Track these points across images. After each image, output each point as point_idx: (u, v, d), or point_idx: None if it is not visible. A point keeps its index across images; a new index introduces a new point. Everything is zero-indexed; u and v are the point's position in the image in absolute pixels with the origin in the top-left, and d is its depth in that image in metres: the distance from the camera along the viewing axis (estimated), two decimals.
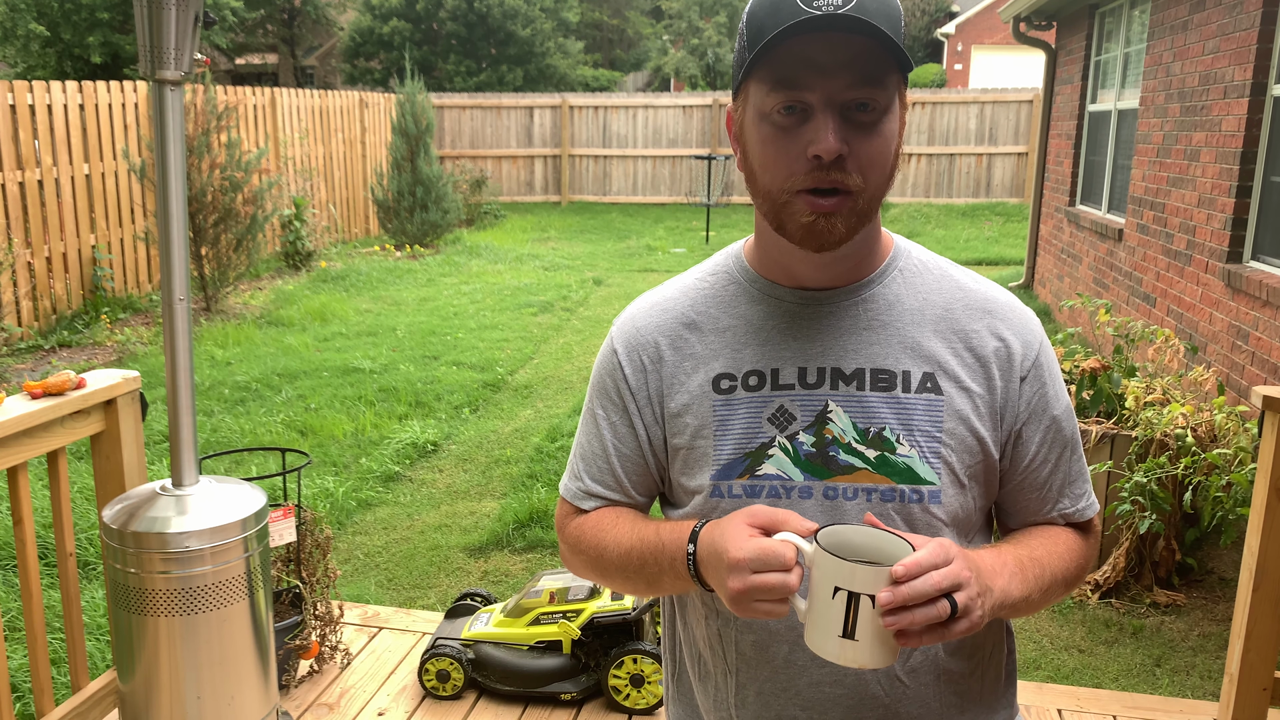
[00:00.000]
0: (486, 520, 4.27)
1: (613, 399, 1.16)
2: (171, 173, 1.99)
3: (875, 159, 0.98)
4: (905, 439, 1.05)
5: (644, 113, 16.14)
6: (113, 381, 2.35)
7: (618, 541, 1.11)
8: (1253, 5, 4.98)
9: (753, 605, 0.91)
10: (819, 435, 1.06)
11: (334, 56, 29.81)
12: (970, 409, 1.07)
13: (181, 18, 1.91)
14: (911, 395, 1.06)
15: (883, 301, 1.10)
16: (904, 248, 1.15)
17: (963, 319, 1.10)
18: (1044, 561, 1.07)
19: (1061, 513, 1.14)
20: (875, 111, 0.97)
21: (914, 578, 0.86)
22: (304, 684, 2.76)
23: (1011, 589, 1.00)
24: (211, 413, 5.65)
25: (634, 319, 1.17)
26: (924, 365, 1.07)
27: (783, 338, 1.09)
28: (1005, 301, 1.13)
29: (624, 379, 1.15)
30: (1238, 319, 4.94)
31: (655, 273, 10.60)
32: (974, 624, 0.90)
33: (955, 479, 1.06)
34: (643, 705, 2.63)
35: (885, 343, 1.08)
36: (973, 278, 1.15)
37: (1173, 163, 6.08)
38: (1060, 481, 1.13)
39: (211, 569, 2.00)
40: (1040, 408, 1.10)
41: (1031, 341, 1.11)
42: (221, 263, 8.29)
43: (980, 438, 1.07)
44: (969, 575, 0.90)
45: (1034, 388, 1.09)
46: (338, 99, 12.73)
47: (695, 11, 26.66)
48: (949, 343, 1.08)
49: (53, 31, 20.06)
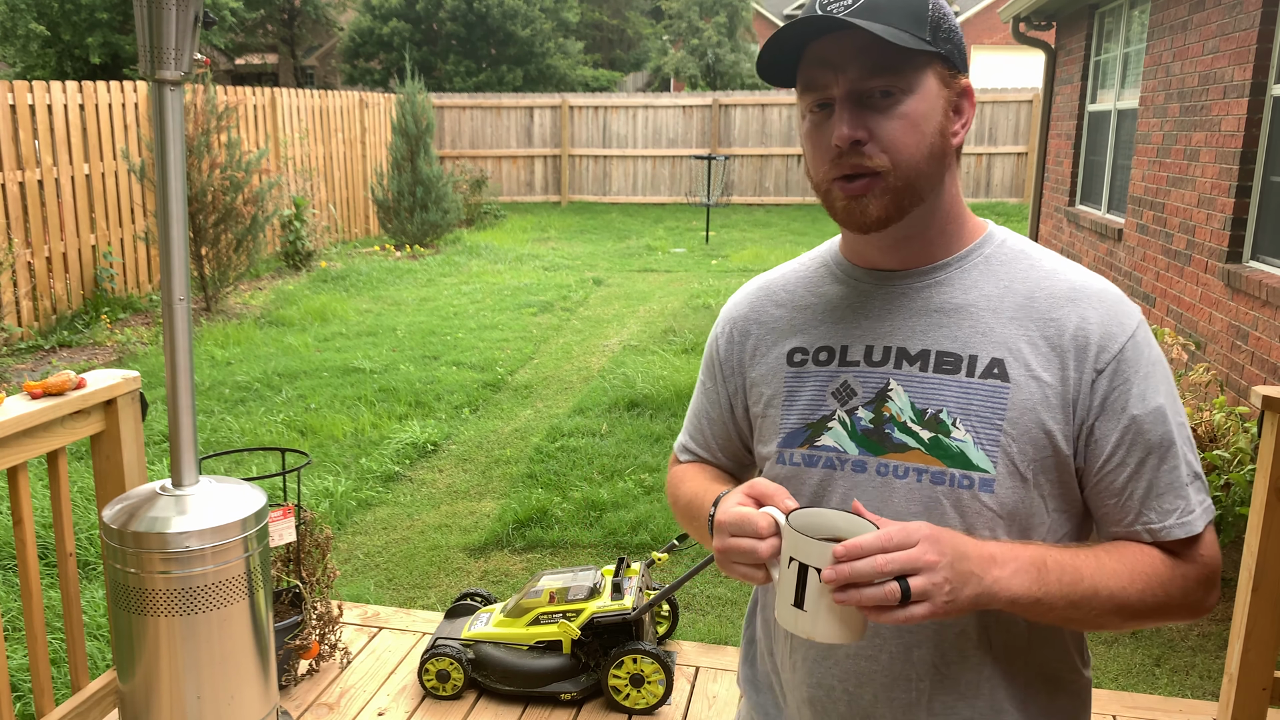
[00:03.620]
0: (486, 520, 4.27)
1: (709, 368, 1.28)
2: (171, 173, 1.99)
3: (898, 139, 1.02)
4: (962, 423, 1.04)
5: (644, 113, 16.14)
6: (113, 381, 2.35)
7: (685, 493, 1.25)
8: (1252, 5, 4.98)
9: (731, 565, 0.99)
10: (877, 412, 1.09)
11: (334, 57, 29.82)
12: (1039, 399, 1.03)
13: (181, 18, 1.91)
14: (975, 380, 1.05)
15: (959, 285, 1.09)
16: (996, 235, 1.14)
17: (1044, 306, 1.06)
18: (1083, 570, 1.00)
19: (1146, 527, 1.05)
20: (896, 95, 1.02)
21: (854, 559, 0.90)
22: (304, 684, 2.76)
23: (1012, 584, 0.96)
24: (211, 413, 5.66)
25: (736, 296, 1.28)
26: (994, 351, 1.05)
27: (855, 317, 1.13)
28: (1096, 289, 1.07)
29: (718, 350, 1.26)
30: (1237, 319, 4.94)
31: (655, 273, 10.60)
32: (937, 609, 0.91)
33: (1014, 470, 1.04)
34: (643, 705, 2.63)
35: (956, 326, 1.08)
36: (1068, 267, 1.11)
37: (1172, 163, 6.08)
38: (1143, 491, 1.04)
39: (211, 569, 2.01)
40: (1118, 404, 1.03)
41: (1116, 333, 1.04)
42: (221, 263, 8.29)
43: (1048, 430, 1.03)
44: (933, 560, 0.90)
45: (1113, 381, 1.03)
46: (338, 99, 12.73)
47: (695, 12, 26.64)
48: (1025, 330, 1.06)
49: (52, 31, 20.06)
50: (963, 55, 1.07)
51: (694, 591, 3.62)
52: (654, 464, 4.85)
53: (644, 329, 7.83)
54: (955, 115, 1.07)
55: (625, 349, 7.17)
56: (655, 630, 2.93)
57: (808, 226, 13.91)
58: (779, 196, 16.07)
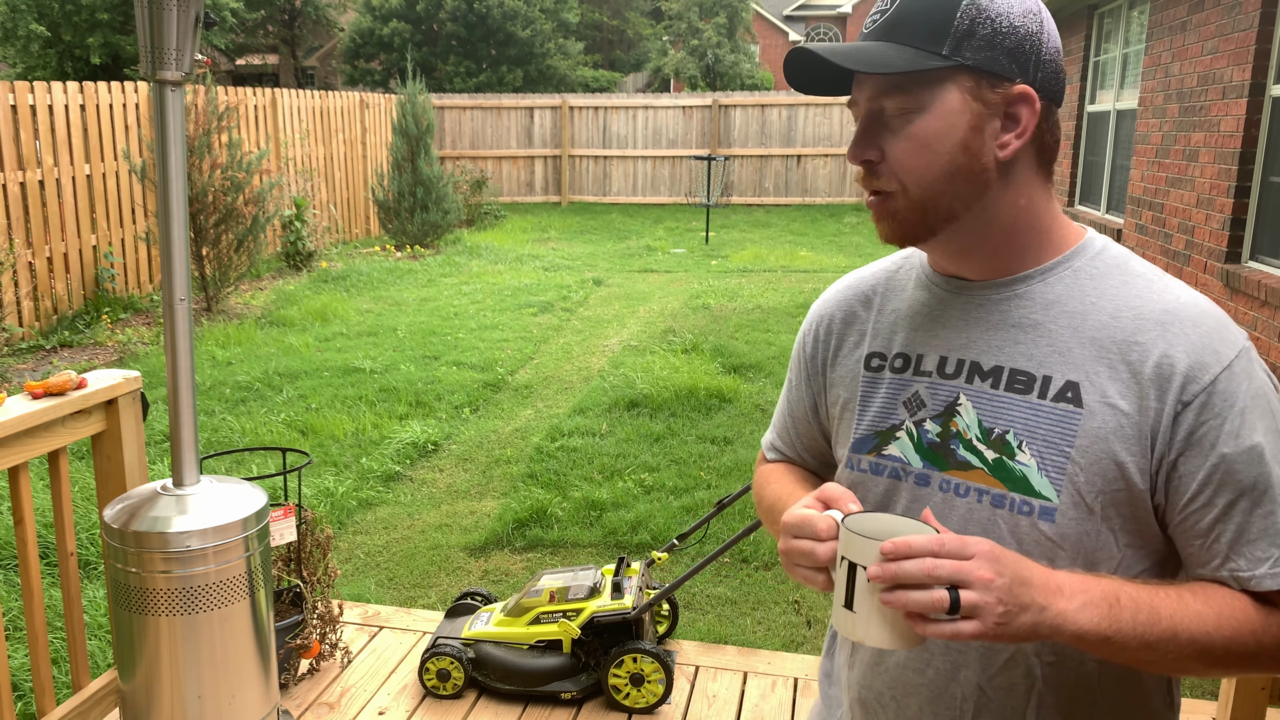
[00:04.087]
0: (486, 520, 4.28)
1: (796, 365, 1.26)
2: (172, 173, 2.00)
3: (906, 160, 1.00)
4: (1028, 447, 1.00)
5: (644, 113, 16.15)
6: (114, 381, 2.35)
7: (769, 495, 1.25)
8: (1251, 6, 4.98)
9: (793, 567, 0.98)
10: (944, 426, 1.06)
11: (334, 57, 29.82)
12: (1113, 429, 0.97)
13: (182, 18, 1.92)
14: (1047, 403, 1.00)
15: (1040, 300, 1.03)
16: (1092, 247, 1.06)
17: (1130, 328, 0.99)
18: (1162, 611, 0.93)
19: (1234, 574, 0.96)
20: (907, 114, 1.00)
21: (902, 557, 0.87)
22: (304, 683, 2.76)
23: (1079, 618, 0.90)
24: (212, 412, 5.66)
25: (827, 293, 1.26)
26: (1069, 373, 0.99)
27: (934, 325, 1.10)
28: (1190, 315, 0.98)
29: (804, 347, 1.25)
30: (1236, 319, 4.94)
31: (655, 273, 10.61)
32: (987, 630, 0.87)
33: (1080, 501, 0.98)
34: (643, 704, 2.63)
35: (1033, 343, 1.02)
36: (1164, 286, 1.01)
37: (1171, 163, 6.09)
38: (1232, 535, 0.96)
39: (212, 568, 2.01)
40: (1206, 440, 0.94)
41: (1208, 362, 0.95)
42: (222, 263, 8.30)
43: (1120, 462, 0.96)
44: (986, 577, 0.86)
45: (1200, 416, 0.95)
46: (338, 100, 12.74)
47: (695, 12, 26.66)
48: (1106, 353, 0.99)
49: (53, 32, 20.07)
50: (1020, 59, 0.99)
51: (694, 591, 3.63)
52: (654, 464, 4.86)
53: (644, 329, 7.84)
54: (1008, 123, 1.00)
55: (625, 349, 7.17)
56: (655, 630, 2.93)
57: (807, 227, 13.91)
58: (779, 197, 16.07)
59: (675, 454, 4.99)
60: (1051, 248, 1.06)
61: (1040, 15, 1.00)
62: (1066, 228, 1.07)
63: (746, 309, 8.49)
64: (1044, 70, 1.00)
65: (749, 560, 3.86)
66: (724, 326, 7.83)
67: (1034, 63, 1.00)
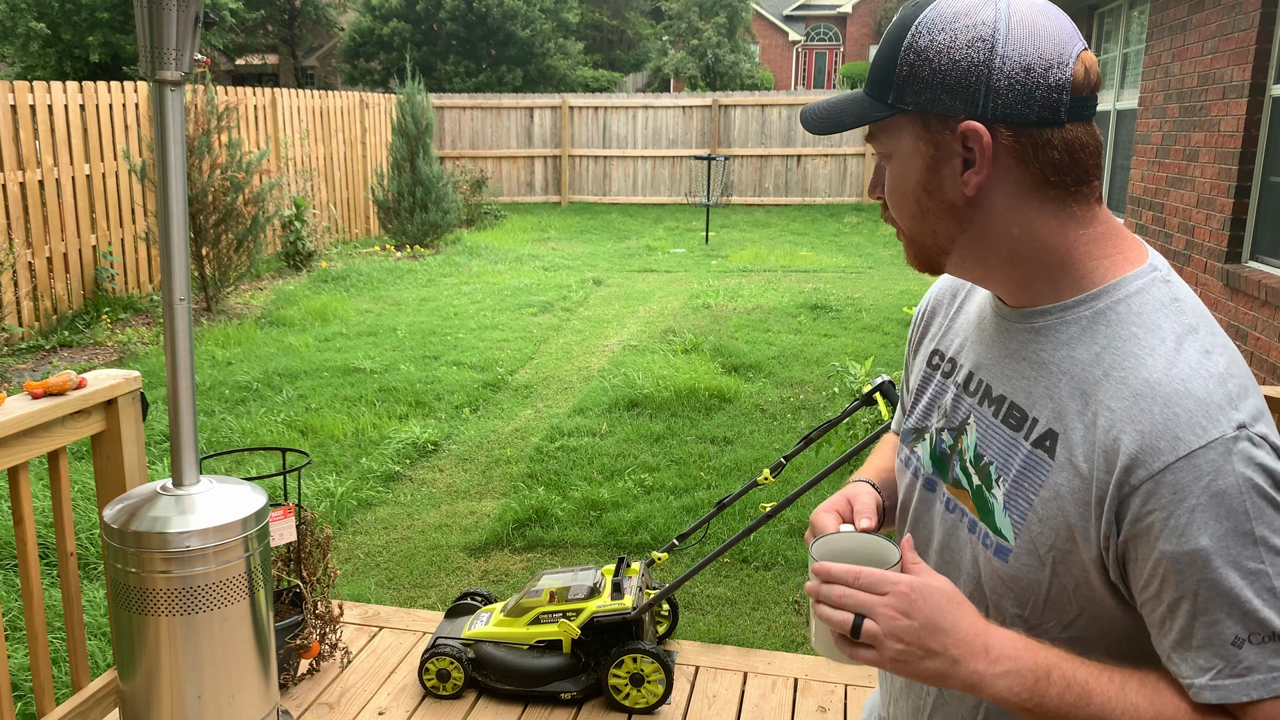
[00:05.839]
0: (486, 520, 4.28)
1: (910, 340, 1.30)
2: (172, 173, 1.99)
3: (891, 200, 1.06)
4: (1002, 482, 1.01)
5: (644, 113, 16.15)
6: (113, 381, 2.35)
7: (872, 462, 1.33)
8: (1251, 6, 4.98)
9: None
10: (954, 440, 1.10)
11: (334, 57, 29.82)
12: (1069, 490, 0.94)
13: (182, 18, 1.92)
14: (1027, 445, 0.99)
15: (1053, 339, 1.00)
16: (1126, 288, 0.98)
17: (1110, 392, 0.94)
18: (1094, 696, 0.91)
19: (1177, 676, 0.91)
20: (886, 159, 1.05)
21: (826, 581, 0.95)
22: (304, 683, 2.76)
23: (997, 685, 0.90)
24: (212, 412, 5.66)
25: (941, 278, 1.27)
26: (1052, 422, 0.97)
27: (977, 338, 1.12)
28: (1170, 394, 0.90)
29: (913, 324, 1.29)
30: (1236, 319, 4.95)
31: (655, 273, 10.61)
32: (882, 661, 0.93)
33: (1034, 550, 0.97)
34: (642, 704, 2.63)
35: (1034, 381, 1.01)
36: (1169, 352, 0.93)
37: (1171, 163, 6.09)
38: (1175, 638, 0.90)
39: (212, 568, 2.01)
40: (1151, 532, 0.89)
41: (1161, 449, 0.88)
42: (222, 263, 8.30)
43: (1070, 524, 0.94)
44: (890, 615, 0.91)
45: (1145, 505, 0.89)
46: (338, 99, 12.73)
47: (695, 12, 26.66)
48: (1086, 410, 0.95)
49: (53, 31, 20.08)
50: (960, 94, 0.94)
51: (694, 591, 3.63)
52: (654, 464, 4.86)
53: (644, 329, 7.84)
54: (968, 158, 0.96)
55: (625, 349, 7.17)
56: (655, 630, 2.93)
57: (807, 227, 13.91)
58: (778, 197, 16.07)
59: (675, 454, 4.99)
60: (1072, 284, 0.99)
61: (992, 40, 0.93)
62: (1100, 260, 0.99)
63: (747, 309, 8.49)
64: (1000, 98, 0.93)
65: (749, 560, 3.86)
66: (724, 326, 7.83)
67: (983, 93, 0.93)
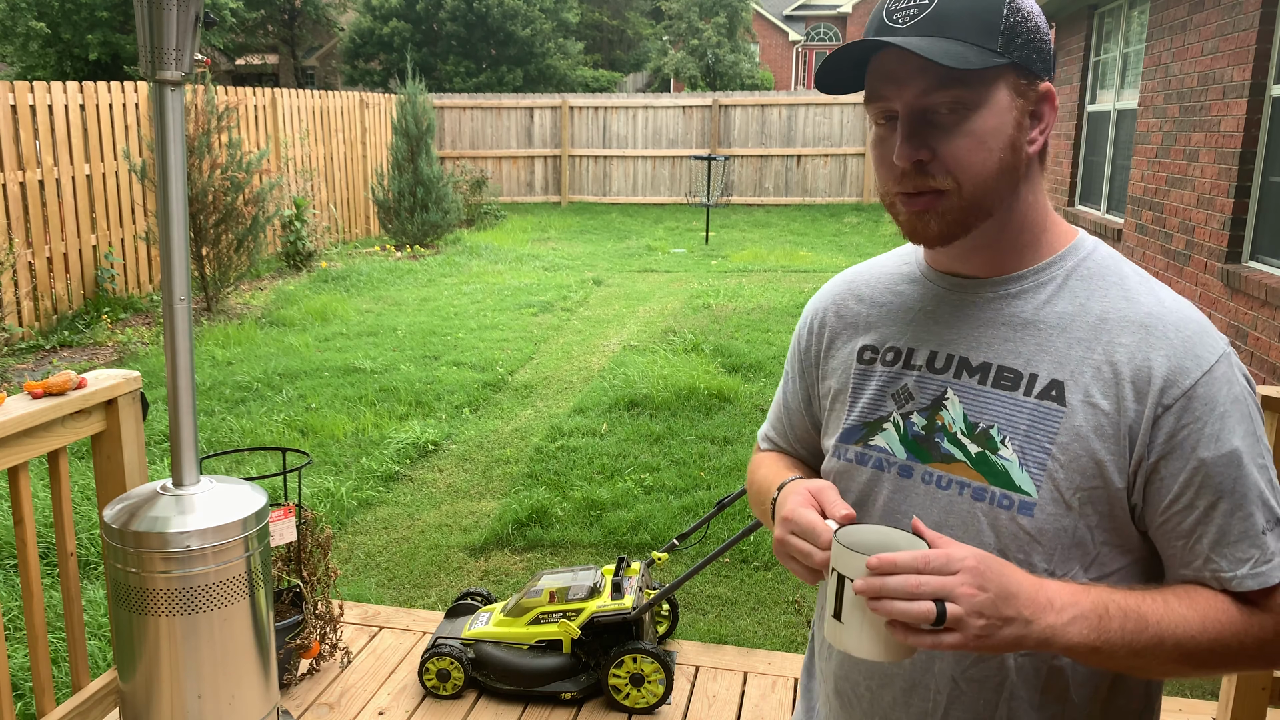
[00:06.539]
0: (486, 520, 4.28)
1: (792, 359, 1.29)
2: (172, 173, 1.99)
3: (964, 158, 0.99)
4: (1010, 442, 1.02)
5: (644, 113, 16.15)
6: (113, 381, 2.35)
7: (758, 478, 1.28)
8: (1251, 6, 4.98)
9: (786, 558, 1.02)
10: (930, 419, 1.08)
11: (334, 57, 29.82)
12: (1093, 428, 0.99)
13: (182, 18, 1.92)
14: (1031, 399, 1.02)
15: (1032, 300, 1.06)
16: (1083, 248, 1.08)
17: (1114, 331, 1.01)
18: (1149, 617, 0.95)
19: (1215, 575, 0.99)
20: (963, 110, 0.99)
21: (885, 573, 0.89)
22: (304, 683, 2.76)
23: (1069, 632, 0.92)
24: (212, 412, 5.66)
25: (823, 289, 1.28)
26: (1055, 372, 1.02)
27: (926, 320, 1.12)
28: (1174, 321, 1.01)
29: (800, 341, 1.27)
30: (1236, 319, 4.95)
31: (655, 273, 10.61)
32: (968, 642, 0.89)
33: (1059, 496, 1.00)
34: (643, 704, 2.63)
35: (1021, 341, 1.05)
36: (1149, 290, 1.04)
37: (1172, 163, 6.09)
38: (1213, 538, 0.98)
39: (212, 568, 2.01)
40: (1186, 445, 0.97)
41: (1189, 367, 0.98)
42: (222, 263, 8.30)
43: (1099, 460, 0.99)
44: (970, 593, 0.88)
45: (1180, 420, 0.97)
46: (338, 99, 12.73)
47: (695, 12, 26.66)
48: (1090, 354, 1.01)
49: (53, 30, 20.08)
50: (1044, 57, 1.02)
51: (694, 591, 3.63)
52: (654, 464, 4.86)
53: (644, 329, 7.84)
54: (1034, 122, 1.03)
55: (625, 349, 7.17)
56: (655, 630, 2.93)
57: (807, 227, 13.91)
58: (779, 197, 16.07)
59: (675, 454, 4.99)
60: (1046, 247, 1.08)
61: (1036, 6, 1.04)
62: (1059, 227, 1.10)
63: (747, 309, 8.49)
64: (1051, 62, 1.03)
65: (749, 560, 3.86)
66: (724, 326, 7.83)
67: (1049, 56, 1.03)
